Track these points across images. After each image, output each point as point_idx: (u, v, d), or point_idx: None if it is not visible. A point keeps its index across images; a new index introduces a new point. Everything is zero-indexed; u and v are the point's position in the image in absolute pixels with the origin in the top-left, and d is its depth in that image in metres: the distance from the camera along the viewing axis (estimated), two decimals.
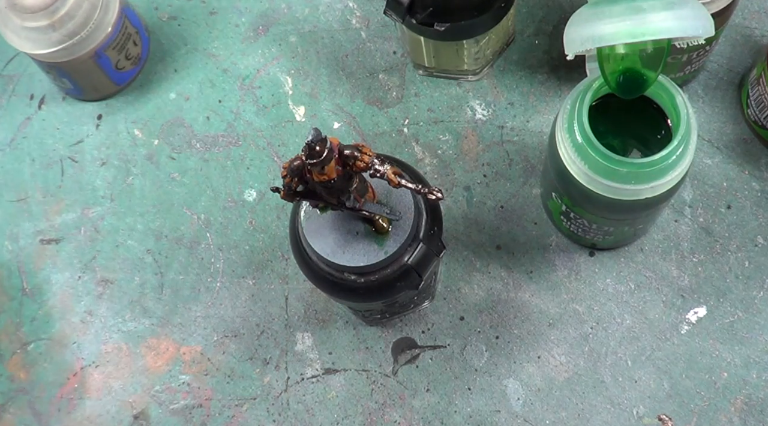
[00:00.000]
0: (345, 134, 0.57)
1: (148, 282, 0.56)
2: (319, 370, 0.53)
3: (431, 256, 0.40)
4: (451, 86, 0.58)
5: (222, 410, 0.53)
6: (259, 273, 0.55)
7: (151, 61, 0.61)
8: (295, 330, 0.54)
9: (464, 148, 0.56)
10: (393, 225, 0.39)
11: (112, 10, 0.55)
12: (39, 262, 0.57)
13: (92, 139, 0.59)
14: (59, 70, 0.55)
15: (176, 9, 0.62)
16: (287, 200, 0.37)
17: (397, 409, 0.52)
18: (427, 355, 0.53)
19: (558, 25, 0.58)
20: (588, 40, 0.39)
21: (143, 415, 0.53)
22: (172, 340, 0.54)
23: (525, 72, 0.58)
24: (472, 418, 0.51)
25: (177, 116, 0.59)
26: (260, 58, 0.60)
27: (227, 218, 0.56)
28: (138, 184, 0.58)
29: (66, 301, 0.56)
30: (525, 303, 0.53)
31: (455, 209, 0.55)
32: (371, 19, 0.60)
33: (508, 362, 0.52)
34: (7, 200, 0.58)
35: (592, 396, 0.51)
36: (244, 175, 0.57)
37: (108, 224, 0.57)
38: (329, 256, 0.38)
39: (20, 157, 0.59)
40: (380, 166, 0.35)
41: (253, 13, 0.61)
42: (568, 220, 0.49)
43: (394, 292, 0.40)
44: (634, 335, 0.52)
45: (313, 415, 0.52)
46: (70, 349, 0.55)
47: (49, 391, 0.54)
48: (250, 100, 0.59)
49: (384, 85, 0.58)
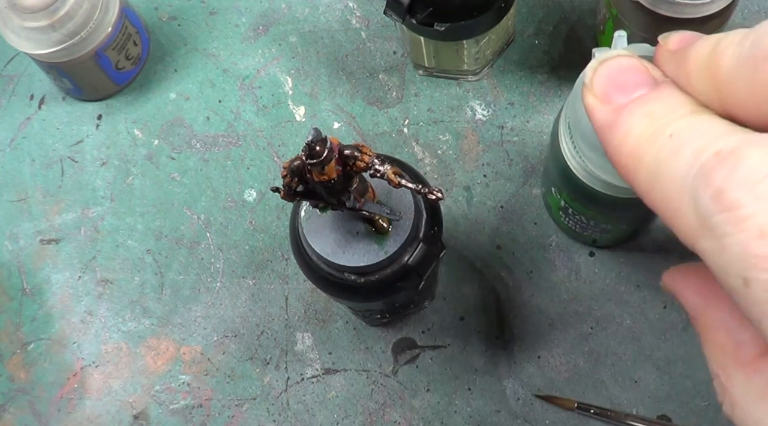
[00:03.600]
0: (345, 134, 0.57)
1: (148, 282, 0.56)
2: (319, 370, 0.53)
3: (431, 256, 0.40)
4: (451, 86, 0.58)
5: (222, 410, 0.53)
6: (259, 273, 0.55)
7: (151, 61, 0.61)
8: (295, 330, 0.54)
9: (464, 148, 0.56)
10: (393, 225, 0.39)
11: (112, 10, 0.54)
12: (39, 262, 0.57)
13: (92, 139, 0.59)
14: (59, 70, 0.55)
15: (176, 9, 0.62)
16: (287, 200, 0.37)
17: (397, 409, 0.52)
18: (427, 355, 0.53)
19: (558, 25, 0.58)
20: None
21: (143, 415, 0.53)
22: (172, 340, 0.54)
23: (525, 72, 0.58)
24: (472, 418, 0.51)
25: (177, 116, 0.59)
26: (260, 58, 0.60)
27: (227, 218, 0.56)
28: (138, 184, 0.58)
29: (66, 301, 0.56)
30: (525, 303, 0.53)
31: (455, 209, 0.55)
32: (371, 19, 0.60)
33: (508, 362, 0.52)
34: (7, 200, 0.58)
35: (592, 396, 0.51)
36: (244, 175, 0.57)
37: (108, 224, 0.57)
38: (329, 256, 0.38)
39: (20, 157, 0.59)
40: (380, 166, 0.35)
41: (253, 13, 0.61)
42: (566, 216, 0.49)
43: (394, 292, 0.40)
44: (634, 335, 0.52)
45: (313, 415, 0.52)
46: (70, 349, 0.55)
47: (49, 391, 0.54)
48: (250, 100, 0.59)
49: (384, 85, 0.58)
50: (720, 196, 0.18)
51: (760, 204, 0.18)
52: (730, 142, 0.19)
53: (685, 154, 0.19)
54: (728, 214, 0.18)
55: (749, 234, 0.18)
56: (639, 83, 0.22)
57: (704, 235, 0.19)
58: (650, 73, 0.22)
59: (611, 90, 0.22)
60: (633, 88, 0.22)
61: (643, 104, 0.21)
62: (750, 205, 0.18)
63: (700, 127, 0.20)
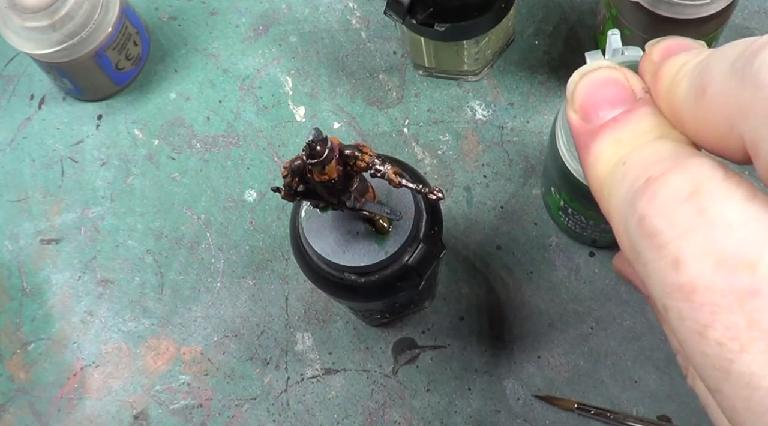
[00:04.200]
0: (345, 134, 0.57)
1: (148, 282, 0.56)
2: (319, 370, 0.53)
3: (431, 256, 0.40)
4: (451, 86, 0.58)
5: (222, 410, 0.53)
6: (259, 273, 0.55)
7: (151, 61, 0.61)
8: (295, 330, 0.54)
9: (464, 148, 0.56)
10: (393, 225, 0.39)
11: (113, 10, 0.55)
12: (39, 262, 0.57)
13: (92, 139, 0.59)
14: (59, 70, 0.55)
15: (176, 9, 0.62)
16: (287, 200, 0.37)
17: (397, 409, 0.52)
18: (427, 355, 0.53)
19: (558, 25, 0.58)
20: None
21: (143, 415, 0.53)
22: (172, 340, 0.54)
23: (525, 72, 0.58)
24: (472, 418, 0.51)
25: (177, 116, 0.59)
26: (260, 59, 0.60)
27: (227, 218, 0.56)
28: (138, 184, 0.58)
29: (66, 301, 0.56)
30: (525, 303, 0.53)
31: (455, 209, 0.55)
32: (371, 19, 0.60)
33: (508, 362, 0.52)
34: (7, 200, 0.58)
35: (592, 396, 0.51)
36: (244, 175, 0.57)
37: (108, 224, 0.57)
38: (329, 256, 0.38)
39: (20, 157, 0.59)
40: (381, 166, 0.35)
41: (253, 14, 0.61)
42: (566, 216, 0.49)
43: (394, 292, 0.40)
44: (634, 335, 0.52)
45: (313, 415, 0.52)
46: (70, 349, 0.55)
47: (49, 391, 0.54)
48: (250, 101, 0.59)
49: (384, 85, 0.58)
50: (642, 222, 0.18)
51: (675, 230, 0.17)
52: (662, 167, 0.18)
53: (627, 181, 0.19)
54: (649, 241, 0.18)
55: (665, 263, 0.17)
56: (617, 100, 0.21)
57: (636, 260, 0.19)
58: (630, 89, 0.22)
59: (589, 107, 0.22)
60: (611, 106, 0.21)
61: (613, 130, 0.21)
62: (666, 232, 0.18)
63: (651, 154, 0.19)
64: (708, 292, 0.17)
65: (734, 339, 0.16)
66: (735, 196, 0.17)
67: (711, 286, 0.17)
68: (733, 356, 0.16)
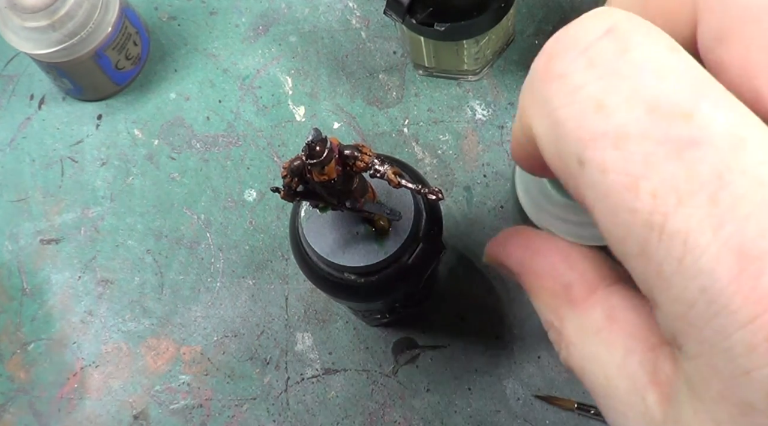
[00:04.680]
0: (345, 134, 0.57)
1: (148, 282, 0.56)
2: (319, 370, 0.53)
3: (431, 256, 0.40)
4: (451, 86, 0.58)
5: (222, 410, 0.53)
6: (259, 273, 0.55)
7: (151, 61, 0.61)
8: (295, 330, 0.54)
9: (464, 148, 0.56)
10: (393, 225, 0.39)
11: (112, 10, 0.54)
12: (39, 262, 0.57)
13: (92, 139, 0.59)
14: (59, 70, 0.55)
15: (176, 9, 0.62)
16: (287, 200, 0.37)
17: (397, 409, 0.52)
18: (427, 355, 0.53)
19: (558, 25, 0.58)
20: None
21: (143, 415, 0.53)
22: (172, 340, 0.54)
23: (525, 72, 0.57)
24: (472, 418, 0.51)
25: (177, 116, 0.59)
26: (260, 58, 0.60)
27: (227, 218, 0.56)
28: (138, 184, 0.58)
29: (66, 301, 0.56)
30: (525, 303, 0.53)
31: (455, 209, 0.55)
32: (371, 19, 0.60)
33: (508, 362, 0.52)
34: (7, 200, 0.58)
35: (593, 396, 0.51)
36: (244, 175, 0.57)
37: (108, 224, 0.57)
38: (329, 256, 0.38)
39: (20, 157, 0.59)
40: (380, 166, 0.35)
41: (253, 13, 0.61)
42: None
43: (394, 292, 0.40)
44: None
45: (313, 415, 0.52)
46: (70, 349, 0.55)
47: (49, 391, 0.54)
48: (250, 100, 0.59)
49: (384, 85, 0.58)
50: (550, 62, 0.16)
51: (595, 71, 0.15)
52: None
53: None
54: (560, 83, 0.16)
55: (583, 107, 0.15)
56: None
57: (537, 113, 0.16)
58: None
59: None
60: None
61: None
62: (581, 71, 0.15)
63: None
64: (642, 140, 0.15)
65: (672, 191, 0.15)
66: (661, 43, 0.16)
67: (645, 133, 0.15)
68: (669, 210, 0.15)
